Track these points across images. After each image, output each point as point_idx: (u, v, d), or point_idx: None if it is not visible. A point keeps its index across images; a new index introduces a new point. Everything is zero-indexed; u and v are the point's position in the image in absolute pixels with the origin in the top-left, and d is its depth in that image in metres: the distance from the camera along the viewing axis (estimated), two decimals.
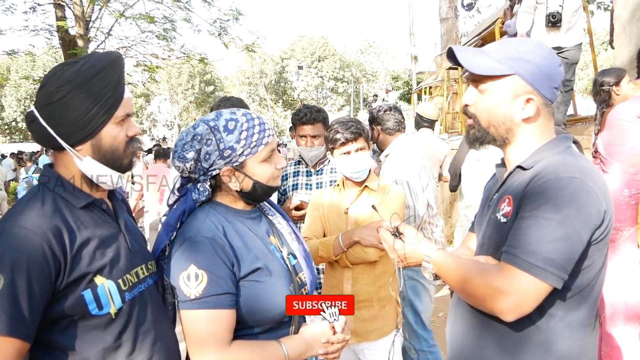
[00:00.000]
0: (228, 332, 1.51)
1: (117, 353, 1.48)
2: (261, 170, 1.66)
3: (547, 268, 1.35)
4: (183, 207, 1.66)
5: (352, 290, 2.58)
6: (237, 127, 1.61)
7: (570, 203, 1.37)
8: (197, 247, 1.53)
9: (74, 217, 1.45)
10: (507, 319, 1.42)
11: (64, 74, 1.45)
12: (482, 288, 1.44)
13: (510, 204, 1.51)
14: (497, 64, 1.54)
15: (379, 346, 2.61)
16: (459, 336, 1.69)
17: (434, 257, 1.60)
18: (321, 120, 3.13)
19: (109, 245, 1.51)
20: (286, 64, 59.50)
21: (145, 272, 1.62)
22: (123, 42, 18.38)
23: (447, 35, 15.24)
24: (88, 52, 16.44)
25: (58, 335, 1.42)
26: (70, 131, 1.46)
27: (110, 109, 1.48)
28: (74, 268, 1.40)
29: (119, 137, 1.52)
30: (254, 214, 1.77)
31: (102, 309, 1.44)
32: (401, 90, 29.46)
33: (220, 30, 17.73)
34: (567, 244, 1.36)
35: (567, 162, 1.46)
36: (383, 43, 70.71)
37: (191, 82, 51.10)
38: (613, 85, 3.74)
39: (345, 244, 2.50)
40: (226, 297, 1.51)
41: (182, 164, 1.62)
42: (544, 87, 1.53)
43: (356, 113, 45.16)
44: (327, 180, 3.19)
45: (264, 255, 1.65)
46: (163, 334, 1.61)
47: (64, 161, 1.52)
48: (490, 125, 1.59)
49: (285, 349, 1.56)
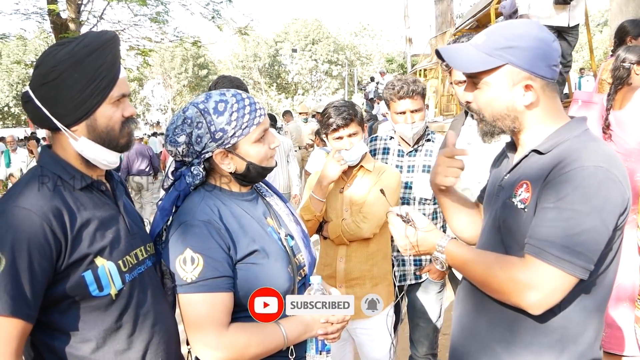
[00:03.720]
0: (226, 314, 1.52)
1: (117, 334, 1.49)
2: (254, 151, 1.64)
3: (575, 261, 1.33)
4: (178, 191, 1.65)
5: (345, 268, 2.62)
6: (228, 108, 1.59)
7: (597, 193, 1.34)
8: (193, 230, 1.53)
9: (74, 198, 1.45)
10: (535, 312, 1.41)
11: (57, 54, 1.43)
12: (507, 282, 1.42)
13: (529, 189, 1.47)
14: (487, 56, 1.51)
15: (370, 324, 2.65)
16: (470, 322, 1.68)
17: (448, 247, 1.58)
18: (420, 92, 2.87)
19: (108, 227, 1.50)
20: (280, 47, 59.00)
21: (145, 253, 1.63)
22: (115, 25, 18.19)
23: (442, 17, 15.17)
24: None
25: (59, 317, 1.42)
26: (65, 111, 1.44)
27: (105, 89, 1.47)
28: (75, 249, 1.40)
29: (114, 117, 1.51)
30: (250, 196, 1.76)
31: (103, 290, 1.45)
32: (395, 73, 29.37)
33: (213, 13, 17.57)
34: (594, 235, 1.34)
35: (591, 149, 1.41)
36: (377, 25, 70.17)
37: (184, 66, 50.71)
38: (635, 64, 3.66)
39: (317, 193, 2.58)
40: (223, 280, 1.51)
41: (175, 148, 1.62)
42: (541, 68, 1.48)
43: (350, 96, 44.91)
44: (420, 164, 2.98)
45: (260, 237, 1.65)
46: (163, 315, 1.62)
47: (61, 142, 1.51)
48: (495, 119, 1.56)
49: (284, 330, 1.57)
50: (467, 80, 1.61)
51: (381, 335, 2.64)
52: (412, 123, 2.88)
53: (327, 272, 2.67)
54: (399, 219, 1.66)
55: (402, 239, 1.65)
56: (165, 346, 1.60)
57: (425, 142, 3.02)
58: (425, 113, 2.94)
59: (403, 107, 2.86)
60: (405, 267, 2.99)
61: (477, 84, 1.56)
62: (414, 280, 3.01)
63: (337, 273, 2.63)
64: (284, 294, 1.62)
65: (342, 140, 2.59)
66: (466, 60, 1.56)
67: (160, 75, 51.09)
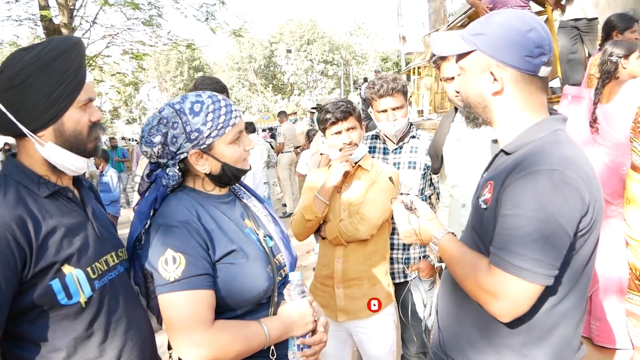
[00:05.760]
0: (210, 312, 1.51)
1: (89, 342, 1.47)
2: (229, 152, 1.65)
3: (534, 269, 1.32)
4: (155, 193, 1.65)
5: (343, 268, 2.61)
6: (203, 109, 1.59)
7: (553, 198, 1.31)
8: (173, 231, 1.53)
9: (39, 206, 1.43)
10: (504, 320, 1.41)
11: (23, 58, 1.42)
12: (476, 289, 1.43)
13: (491, 190, 1.47)
14: (462, 42, 1.53)
15: (369, 324, 2.64)
16: (447, 318, 1.68)
17: (441, 241, 1.58)
18: (400, 90, 2.87)
19: (76, 234, 1.49)
20: (275, 48, 58.95)
21: (116, 259, 1.61)
22: (109, 30, 18.18)
23: (435, 15, 15.17)
24: None
25: (28, 326, 1.41)
26: (32, 116, 1.43)
27: (73, 92, 1.46)
28: (41, 258, 1.38)
29: (81, 122, 1.50)
30: (228, 198, 1.77)
31: (72, 298, 1.43)
32: (391, 72, 29.37)
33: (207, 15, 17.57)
34: (553, 240, 1.32)
35: (548, 152, 1.39)
36: (372, 24, 70.45)
37: (180, 69, 50.72)
38: (622, 58, 3.67)
39: (323, 195, 2.57)
40: (205, 278, 1.51)
41: (150, 149, 1.61)
42: (510, 57, 1.45)
43: (347, 95, 44.87)
44: (406, 160, 3.01)
45: (238, 238, 1.65)
46: (136, 321, 1.60)
47: (27, 149, 1.49)
48: (469, 104, 1.58)
49: (267, 328, 1.57)
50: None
51: (381, 334, 2.65)
52: (394, 120, 2.89)
53: (325, 272, 2.67)
54: (402, 206, 1.68)
55: (404, 225, 1.66)
56: (140, 352, 1.59)
57: (410, 139, 3.04)
58: (407, 110, 2.95)
59: (384, 105, 2.88)
60: (394, 265, 2.99)
61: (460, 69, 1.59)
62: (402, 279, 3.01)
63: (335, 273, 2.62)
64: (264, 294, 1.62)
65: (341, 135, 2.59)
66: (442, 43, 1.59)
67: (156, 79, 51.10)
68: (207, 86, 2.90)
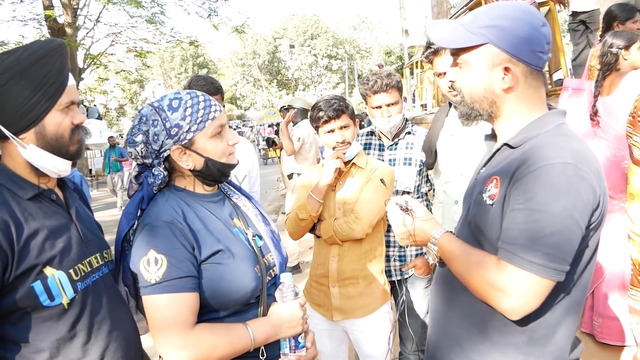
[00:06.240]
0: (191, 315, 1.51)
1: (72, 343, 1.48)
2: (211, 146, 1.65)
3: (548, 264, 1.29)
4: (141, 193, 1.66)
5: (338, 267, 2.60)
6: (182, 104, 1.60)
7: (567, 192, 1.29)
8: (156, 231, 1.53)
9: (21, 208, 1.44)
10: (513, 318, 1.38)
11: (3, 62, 1.43)
12: (484, 286, 1.39)
13: (497, 185, 1.43)
14: (468, 33, 1.47)
15: (364, 323, 2.63)
16: (441, 317, 1.66)
17: (440, 240, 1.55)
18: (394, 85, 2.85)
19: (58, 236, 1.50)
20: (279, 44, 58.97)
21: (100, 261, 1.62)
22: (112, 28, 18.24)
23: (438, 8, 15.05)
24: (77, 40, 16.33)
25: (10, 328, 1.42)
26: (12, 119, 1.44)
27: (53, 96, 1.48)
28: (22, 260, 1.39)
29: (63, 125, 1.51)
30: (216, 197, 1.76)
31: (54, 299, 1.44)
32: (394, 65, 29.31)
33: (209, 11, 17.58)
34: (566, 235, 1.30)
35: (558, 145, 1.36)
36: (376, 18, 70.02)
37: (184, 66, 50.79)
38: (622, 49, 3.61)
39: (316, 194, 2.56)
40: (187, 280, 1.51)
41: (133, 149, 1.63)
42: (524, 52, 1.43)
43: (351, 90, 44.83)
44: (402, 157, 2.99)
45: (225, 237, 1.64)
46: (120, 322, 1.61)
47: (9, 151, 1.50)
48: (473, 100, 1.52)
49: (252, 331, 1.57)
50: (452, 58, 1.57)
51: (377, 332, 2.63)
52: (389, 117, 2.87)
53: (320, 271, 2.65)
54: (397, 207, 1.65)
55: (399, 227, 1.63)
56: (123, 353, 1.60)
57: (405, 135, 3.02)
58: (402, 106, 2.93)
59: (379, 101, 2.86)
60: (390, 263, 2.97)
61: (459, 63, 1.53)
62: (399, 277, 3.00)
63: (330, 272, 2.61)
64: (251, 294, 1.62)
65: (334, 134, 2.57)
66: (447, 35, 1.52)
67: (161, 76, 51.22)
68: (200, 87, 2.90)
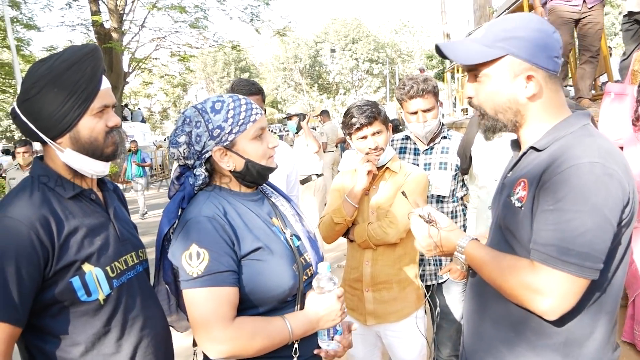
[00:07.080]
0: (231, 309, 1.53)
1: (106, 338, 1.55)
2: (252, 148, 1.68)
3: (582, 263, 1.30)
4: (182, 193, 1.69)
5: (372, 271, 2.59)
6: (224, 107, 1.64)
7: (596, 190, 1.30)
8: (198, 226, 1.56)
9: (62, 207, 1.51)
10: (550, 318, 1.38)
11: (38, 70, 1.50)
12: (519, 289, 1.39)
13: (525, 188, 1.45)
14: (486, 48, 1.49)
15: (399, 328, 2.61)
16: (476, 322, 1.65)
17: (467, 248, 1.55)
18: (431, 91, 2.85)
19: (97, 234, 1.56)
20: (320, 48, 59.21)
21: (135, 259, 1.68)
22: (157, 33, 18.71)
23: (480, 11, 14.83)
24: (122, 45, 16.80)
25: (50, 321, 1.48)
26: (48, 125, 1.51)
27: (85, 101, 1.52)
28: (62, 256, 1.45)
29: (97, 129, 1.56)
30: (256, 196, 1.79)
31: (91, 295, 1.50)
32: (436, 69, 29.03)
33: (251, 16, 17.83)
34: (599, 233, 1.31)
35: (585, 144, 1.37)
36: (418, 22, 69.68)
37: (226, 70, 51.58)
38: None
39: (352, 198, 2.55)
40: (228, 275, 1.53)
41: (176, 149, 1.67)
42: (542, 59, 1.46)
43: (392, 94, 44.58)
44: (437, 161, 2.98)
45: (265, 235, 1.67)
46: (152, 319, 1.67)
47: (50, 154, 1.58)
48: (497, 112, 1.53)
49: (290, 325, 1.58)
50: (468, 74, 1.58)
51: (411, 337, 2.61)
52: (425, 122, 2.87)
53: (354, 275, 2.65)
54: (421, 220, 1.65)
55: (425, 239, 1.64)
56: (154, 349, 1.65)
57: (441, 140, 3.00)
58: (438, 111, 2.91)
59: (415, 106, 2.86)
60: (426, 267, 2.95)
61: (478, 78, 1.54)
62: (435, 281, 2.98)
63: (364, 277, 2.60)
64: (289, 292, 1.63)
65: (367, 140, 2.56)
66: (465, 52, 1.54)
67: (204, 80, 52.17)
68: (242, 87, 2.96)
